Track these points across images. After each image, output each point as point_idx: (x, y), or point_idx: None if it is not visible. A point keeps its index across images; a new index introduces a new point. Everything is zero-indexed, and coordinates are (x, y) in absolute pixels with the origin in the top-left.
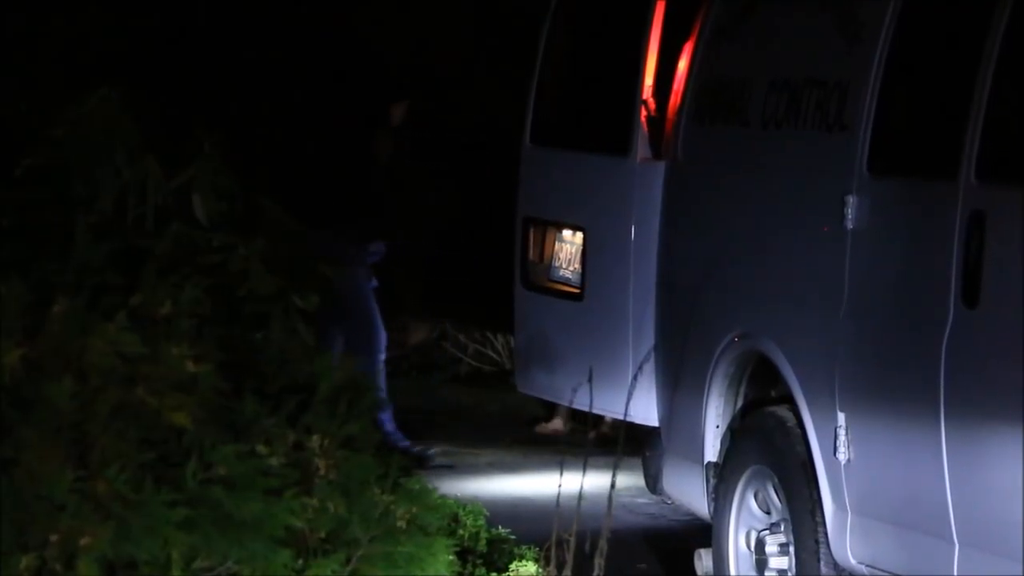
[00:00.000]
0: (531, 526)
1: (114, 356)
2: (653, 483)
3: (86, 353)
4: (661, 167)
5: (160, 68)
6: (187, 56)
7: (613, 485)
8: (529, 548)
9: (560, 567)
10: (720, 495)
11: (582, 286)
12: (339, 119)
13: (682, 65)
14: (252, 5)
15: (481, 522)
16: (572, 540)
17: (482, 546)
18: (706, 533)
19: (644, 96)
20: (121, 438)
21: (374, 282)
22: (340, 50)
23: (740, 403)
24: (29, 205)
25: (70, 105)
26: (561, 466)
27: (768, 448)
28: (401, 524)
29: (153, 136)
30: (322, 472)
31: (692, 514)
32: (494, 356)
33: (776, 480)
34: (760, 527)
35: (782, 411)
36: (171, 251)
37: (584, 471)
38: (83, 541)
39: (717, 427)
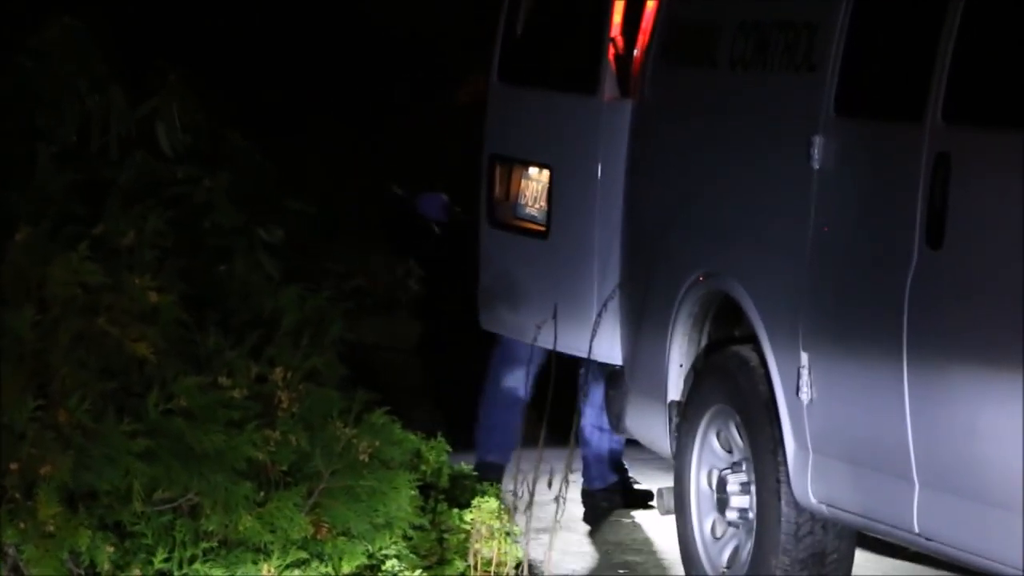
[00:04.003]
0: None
1: (75, 285)
2: (616, 421)
3: (47, 282)
4: (628, 106)
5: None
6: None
7: (576, 422)
8: (492, 484)
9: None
10: (682, 434)
11: (548, 224)
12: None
13: (651, 4)
14: None
15: (444, 458)
16: (534, 477)
17: (444, 482)
18: (668, 472)
19: (612, 35)
20: (82, 367)
21: None
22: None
23: (704, 342)
24: None
25: (32, 34)
26: (523, 413)
27: (731, 387)
28: (363, 458)
29: (118, 67)
30: (284, 405)
31: (654, 453)
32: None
33: (738, 419)
34: (722, 466)
35: (745, 351)
36: (134, 182)
37: (547, 413)
38: (43, 470)
39: (681, 366)
